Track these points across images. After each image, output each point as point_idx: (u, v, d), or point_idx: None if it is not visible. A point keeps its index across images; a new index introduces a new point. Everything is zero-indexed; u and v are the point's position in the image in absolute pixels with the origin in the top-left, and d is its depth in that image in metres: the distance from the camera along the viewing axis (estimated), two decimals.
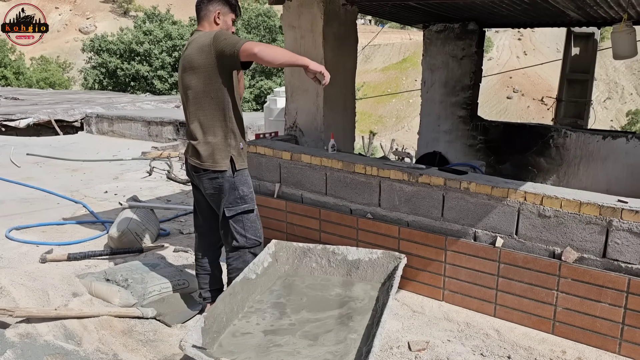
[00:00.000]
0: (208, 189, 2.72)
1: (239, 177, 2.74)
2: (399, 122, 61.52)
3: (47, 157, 8.17)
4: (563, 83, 7.19)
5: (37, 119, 11.62)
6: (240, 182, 2.74)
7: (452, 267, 3.27)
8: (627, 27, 4.45)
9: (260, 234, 2.82)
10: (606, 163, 5.51)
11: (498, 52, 72.63)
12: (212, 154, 2.67)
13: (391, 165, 3.62)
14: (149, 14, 33.52)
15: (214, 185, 2.69)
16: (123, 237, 4.06)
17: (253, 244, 2.76)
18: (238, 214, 2.71)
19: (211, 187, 2.70)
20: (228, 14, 2.83)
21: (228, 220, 2.72)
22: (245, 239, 2.74)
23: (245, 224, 2.74)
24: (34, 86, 34.44)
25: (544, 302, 2.97)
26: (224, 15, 2.81)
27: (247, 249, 2.74)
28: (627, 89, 70.58)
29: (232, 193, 2.69)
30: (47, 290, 3.15)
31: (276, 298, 2.29)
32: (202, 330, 1.88)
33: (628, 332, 2.74)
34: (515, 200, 3.04)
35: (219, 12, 2.79)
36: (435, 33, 6.32)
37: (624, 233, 2.74)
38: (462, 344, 2.89)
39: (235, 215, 2.72)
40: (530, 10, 5.03)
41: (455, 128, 6.39)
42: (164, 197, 5.85)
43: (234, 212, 2.70)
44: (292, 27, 4.34)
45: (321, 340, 1.98)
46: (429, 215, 3.38)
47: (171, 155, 8.09)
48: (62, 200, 5.60)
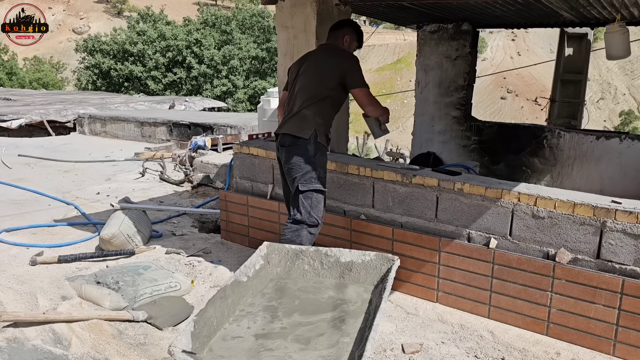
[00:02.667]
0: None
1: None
2: (394, 123, 61.57)
3: (39, 158, 8.09)
4: (557, 83, 7.20)
5: (29, 119, 11.52)
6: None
7: (446, 268, 3.25)
8: (621, 28, 4.45)
9: (321, 216, 3.10)
10: (600, 163, 5.52)
11: (492, 53, 72.94)
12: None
13: (385, 166, 3.60)
14: (142, 14, 33.44)
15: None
16: (115, 239, 4.01)
17: (312, 223, 3.05)
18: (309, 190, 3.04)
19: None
20: (353, 42, 3.43)
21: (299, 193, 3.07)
22: (308, 215, 3.04)
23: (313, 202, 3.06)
24: (27, 87, 34.27)
25: (538, 303, 2.95)
26: (352, 41, 3.42)
27: (306, 226, 3.03)
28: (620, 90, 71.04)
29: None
30: (35, 294, 3.10)
31: (268, 301, 2.26)
32: (192, 334, 1.85)
33: (622, 333, 2.73)
34: (509, 201, 3.02)
35: (347, 37, 3.39)
36: (429, 33, 6.31)
37: (618, 234, 2.73)
38: (456, 346, 2.87)
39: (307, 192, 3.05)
40: (524, 10, 5.03)
41: (449, 128, 6.39)
42: (156, 198, 5.81)
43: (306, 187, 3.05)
44: (285, 27, 4.32)
45: (313, 344, 1.95)
46: (423, 216, 3.36)
47: (164, 156, 8.04)
48: (53, 202, 5.54)
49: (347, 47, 3.37)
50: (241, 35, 30.33)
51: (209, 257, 4.02)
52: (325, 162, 3.22)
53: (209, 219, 5.11)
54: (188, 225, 4.90)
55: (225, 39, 30.03)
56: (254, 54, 29.73)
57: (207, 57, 28.58)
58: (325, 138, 3.19)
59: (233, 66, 28.96)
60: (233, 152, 4.38)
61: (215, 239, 4.45)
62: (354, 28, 3.43)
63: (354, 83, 3.16)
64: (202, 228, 4.92)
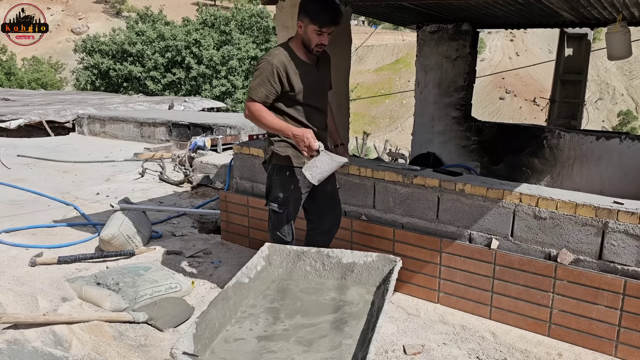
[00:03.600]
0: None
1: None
2: (393, 123, 61.68)
3: (38, 159, 8.07)
4: (556, 84, 7.20)
5: (28, 119, 11.50)
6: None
7: (447, 269, 3.24)
8: (622, 28, 4.45)
9: (287, 234, 2.97)
10: (600, 164, 5.52)
11: (491, 53, 73.00)
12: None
13: (385, 166, 3.59)
14: (141, 14, 33.38)
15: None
16: (114, 239, 4.00)
17: (274, 239, 2.95)
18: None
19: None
20: (309, 25, 2.69)
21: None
22: (271, 232, 2.99)
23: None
24: (26, 87, 34.23)
25: (539, 304, 2.94)
26: (305, 26, 2.72)
27: (272, 240, 2.92)
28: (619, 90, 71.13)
29: None
30: (35, 295, 3.09)
31: (270, 303, 2.25)
32: (194, 336, 1.84)
33: (624, 334, 2.72)
34: (511, 201, 3.01)
35: (300, 23, 2.74)
36: (429, 34, 6.31)
37: (620, 235, 2.72)
38: (457, 347, 2.86)
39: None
40: (524, 11, 5.02)
41: (449, 129, 6.38)
42: (156, 198, 5.80)
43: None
44: (286, 28, 4.30)
45: (316, 346, 1.94)
46: (424, 217, 3.35)
47: (164, 156, 8.02)
48: (52, 202, 5.53)
49: (304, 33, 2.72)
50: (240, 35, 30.28)
51: (209, 258, 4.01)
52: (284, 181, 2.88)
53: (209, 220, 5.10)
54: (188, 225, 4.89)
55: (224, 39, 29.99)
56: (253, 54, 29.69)
57: (206, 57, 28.54)
58: (282, 156, 2.85)
59: (232, 66, 28.92)
60: (233, 152, 4.37)
61: (216, 239, 4.44)
62: (302, 8, 2.72)
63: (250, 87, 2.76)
64: (202, 229, 4.91)
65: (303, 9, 2.68)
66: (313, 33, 2.67)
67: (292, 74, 2.73)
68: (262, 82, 2.69)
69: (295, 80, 2.74)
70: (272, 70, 2.68)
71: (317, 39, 2.69)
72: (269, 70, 2.68)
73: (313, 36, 2.68)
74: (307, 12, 2.66)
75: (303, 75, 2.77)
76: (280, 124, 2.70)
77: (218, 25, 30.62)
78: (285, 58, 2.73)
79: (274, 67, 2.68)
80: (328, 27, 2.68)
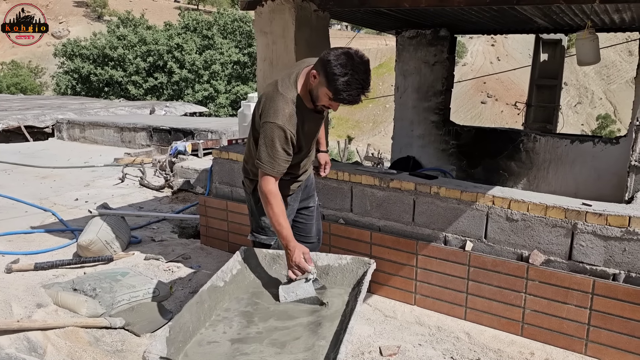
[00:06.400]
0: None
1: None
2: (376, 127, 61.95)
3: (15, 164, 7.98)
4: (532, 88, 7.32)
5: (6, 125, 11.35)
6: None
7: (423, 271, 3.29)
8: (590, 34, 4.55)
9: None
10: (574, 166, 5.63)
11: (472, 58, 73.82)
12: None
13: (362, 170, 3.63)
14: (123, 18, 33.10)
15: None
16: (92, 245, 3.98)
17: None
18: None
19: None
20: (324, 88, 2.30)
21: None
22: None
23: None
24: (4, 91, 33.69)
25: (512, 304, 3.01)
26: (319, 83, 2.31)
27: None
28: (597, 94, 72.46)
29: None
30: (9, 302, 3.06)
31: (244, 306, 2.26)
32: (167, 340, 1.85)
33: (594, 332, 2.80)
34: (484, 204, 3.08)
35: (316, 74, 2.32)
36: (408, 39, 6.38)
37: (589, 235, 2.80)
38: (433, 348, 2.91)
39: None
40: (499, 17, 5.11)
41: (428, 133, 6.45)
42: (136, 204, 5.77)
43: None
44: (264, 33, 4.33)
45: (289, 348, 1.96)
46: (400, 220, 3.40)
47: (144, 161, 7.97)
48: (30, 208, 5.47)
49: (315, 88, 2.35)
50: (223, 40, 30.24)
51: (189, 263, 4.01)
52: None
53: (189, 225, 5.09)
54: (168, 231, 4.87)
55: (206, 43, 29.92)
56: (235, 58, 29.67)
57: (189, 61, 28.43)
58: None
59: (215, 71, 28.85)
60: (212, 157, 4.37)
61: (195, 244, 4.44)
62: (323, 65, 2.27)
63: (258, 156, 2.43)
64: (182, 234, 4.90)
65: (325, 67, 2.25)
66: (325, 97, 2.33)
67: (300, 134, 2.46)
68: (277, 155, 2.36)
69: (301, 137, 2.48)
70: (286, 137, 2.36)
71: (327, 103, 2.37)
72: (282, 138, 2.35)
73: (324, 99, 2.34)
74: (328, 76, 2.24)
75: (308, 126, 2.51)
76: (283, 226, 2.38)
77: (200, 29, 30.54)
78: (297, 118, 2.41)
79: (288, 133, 2.36)
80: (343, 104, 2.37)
